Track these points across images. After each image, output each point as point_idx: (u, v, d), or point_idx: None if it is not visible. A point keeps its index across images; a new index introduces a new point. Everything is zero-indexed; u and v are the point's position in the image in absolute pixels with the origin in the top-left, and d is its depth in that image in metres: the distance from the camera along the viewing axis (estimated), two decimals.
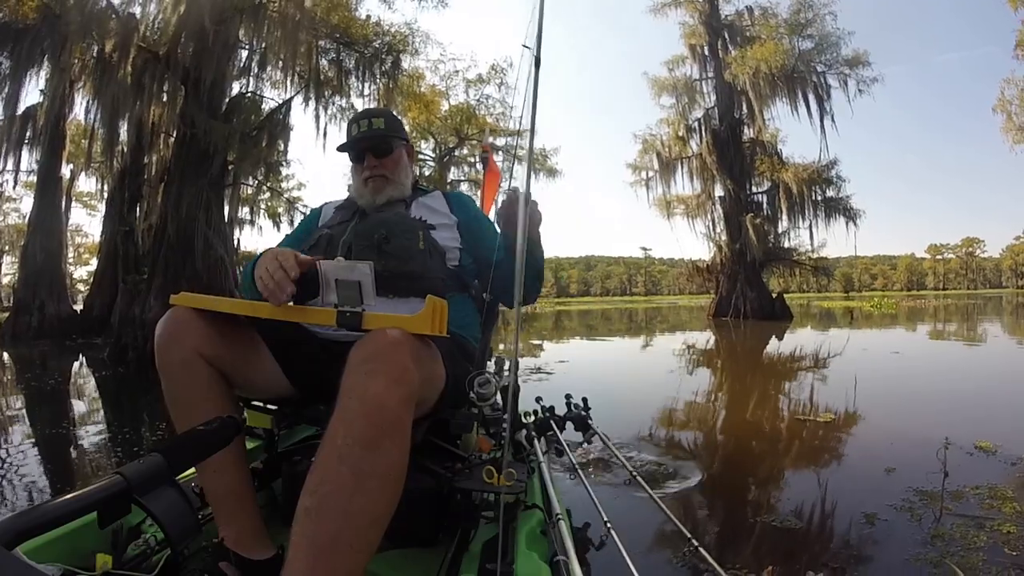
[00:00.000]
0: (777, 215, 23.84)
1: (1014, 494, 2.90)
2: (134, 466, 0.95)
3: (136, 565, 1.41)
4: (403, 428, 1.14)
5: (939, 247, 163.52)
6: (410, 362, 1.16)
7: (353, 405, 1.10)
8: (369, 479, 1.06)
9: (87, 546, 1.39)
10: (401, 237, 1.74)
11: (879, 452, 3.84)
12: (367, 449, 1.07)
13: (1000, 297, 69.05)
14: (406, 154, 2.04)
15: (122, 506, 0.91)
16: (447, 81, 25.12)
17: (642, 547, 2.53)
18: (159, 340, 1.44)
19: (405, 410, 1.15)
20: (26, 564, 0.82)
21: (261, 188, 18.15)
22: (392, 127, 2.00)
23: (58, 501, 0.84)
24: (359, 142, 1.95)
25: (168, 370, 1.43)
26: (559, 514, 1.67)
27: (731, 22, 24.61)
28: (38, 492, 3.42)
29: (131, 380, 8.66)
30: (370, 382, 1.11)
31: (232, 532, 1.44)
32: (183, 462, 1.07)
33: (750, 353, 11.93)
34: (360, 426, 1.08)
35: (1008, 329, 17.30)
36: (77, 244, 41.53)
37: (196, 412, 1.37)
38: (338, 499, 1.04)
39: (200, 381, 1.43)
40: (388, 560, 1.55)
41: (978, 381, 7.04)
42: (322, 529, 1.02)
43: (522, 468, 1.78)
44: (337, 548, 1.02)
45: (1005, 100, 21.39)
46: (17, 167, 17.46)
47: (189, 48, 11.20)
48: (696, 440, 4.43)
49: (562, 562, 1.43)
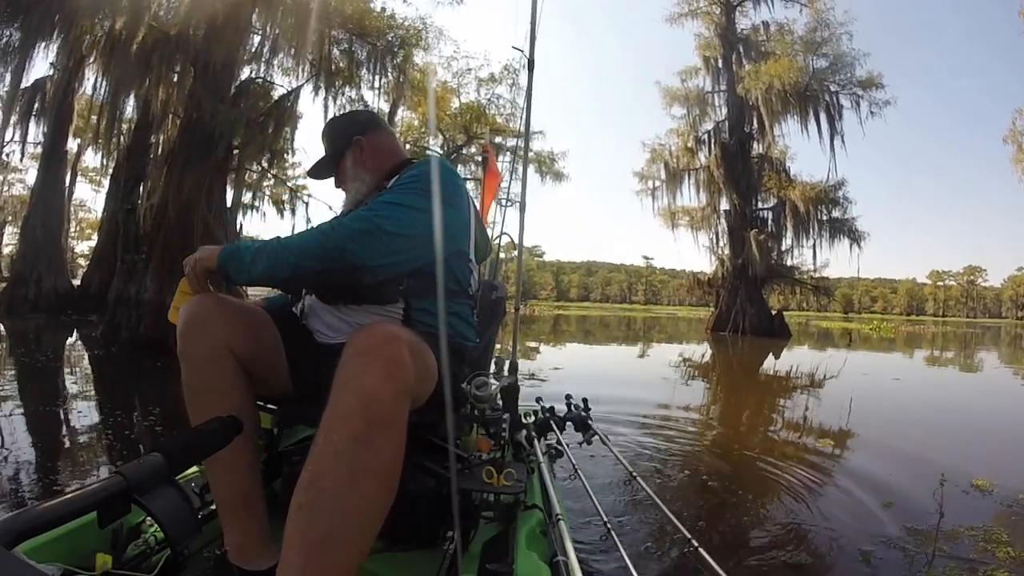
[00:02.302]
0: (781, 232, 23.83)
1: (1009, 538, 2.85)
2: (134, 466, 0.95)
3: (136, 565, 1.42)
4: (398, 423, 1.11)
5: (941, 273, 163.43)
6: (406, 356, 1.14)
7: (347, 399, 1.08)
8: (364, 475, 1.04)
9: (87, 546, 1.39)
10: None
11: (878, 484, 3.78)
12: (362, 445, 1.05)
13: (999, 327, 69.04)
14: (354, 154, 1.82)
15: (122, 506, 0.91)
16: (459, 78, 25.05)
17: (642, 547, 2.56)
18: (184, 327, 1.41)
19: (400, 404, 1.12)
20: (26, 564, 0.80)
21: (266, 175, 18.03)
22: (332, 143, 1.86)
23: (58, 501, 0.83)
24: (315, 179, 1.95)
25: (192, 360, 1.41)
26: (559, 514, 1.67)
27: (746, 36, 24.60)
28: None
29: (122, 361, 8.59)
30: (364, 375, 1.09)
31: (236, 537, 1.43)
32: (183, 462, 1.07)
33: (748, 371, 11.87)
34: (354, 421, 1.06)
35: (1007, 359, 17.26)
36: (80, 219, 41.41)
37: (215, 405, 1.35)
38: (332, 495, 1.02)
39: (224, 374, 1.42)
40: (388, 560, 1.56)
41: (978, 414, 6.97)
42: (316, 526, 1.01)
43: (522, 468, 1.76)
44: (331, 545, 1.00)
45: (1016, 131, 21.38)
46: (24, 138, 17.43)
47: (200, 30, 11.12)
48: (692, 465, 4.37)
49: (562, 562, 1.43)
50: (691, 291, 28.87)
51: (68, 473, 3.40)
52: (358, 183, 1.80)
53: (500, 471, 1.56)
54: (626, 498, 3.20)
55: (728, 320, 23.24)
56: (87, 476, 3.38)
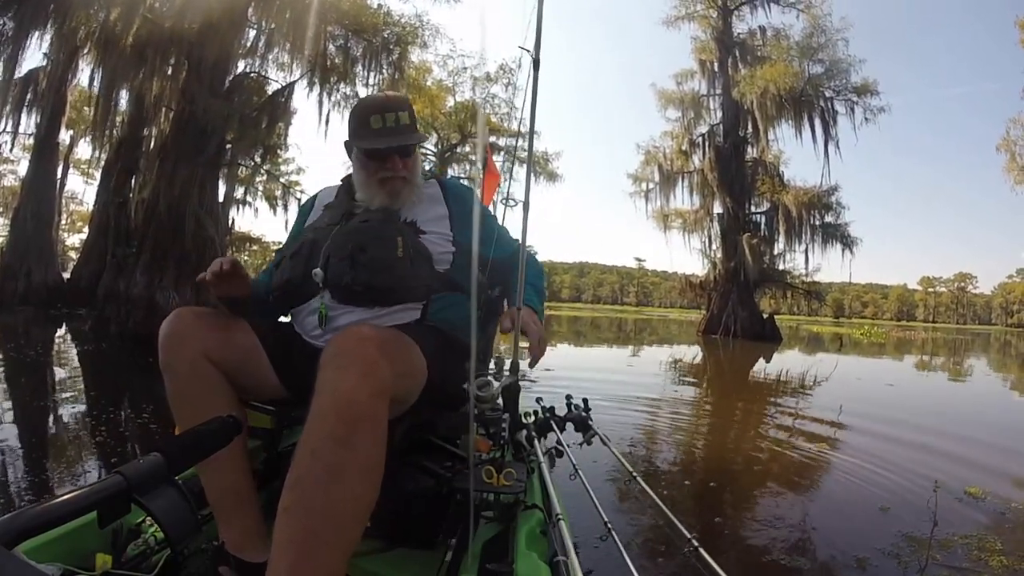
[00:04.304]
0: (774, 236, 23.89)
1: (1002, 546, 2.84)
2: (134, 465, 0.95)
3: (136, 565, 1.43)
4: (376, 422, 1.13)
5: (932, 280, 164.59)
6: (378, 355, 1.16)
7: (324, 401, 1.10)
8: (344, 474, 1.06)
9: (87, 546, 1.40)
10: (376, 247, 1.63)
11: (873, 490, 3.78)
12: (340, 444, 1.06)
13: (989, 334, 69.49)
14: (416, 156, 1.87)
15: (122, 506, 0.91)
16: (455, 77, 25.00)
17: (642, 547, 2.59)
18: (164, 340, 1.47)
19: (377, 403, 1.14)
20: (26, 564, 0.79)
21: (258, 170, 17.95)
22: (415, 121, 1.82)
23: (58, 501, 0.83)
24: (388, 142, 1.73)
25: (173, 370, 1.46)
26: (559, 514, 1.66)
27: (743, 40, 24.65)
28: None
29: (112, 356, 8.51)
30: (340, 377, 1.11)
31: (233, 533, 1.47)
32: (183, 462, 1.07)
33: (741, 374, 11.88)
34: (332, 422, 1.08)
35: (998, 366, 17.36)
36: (71, 211, 41.09)
37: (200, 412, 1.36)
38: (314, 495, 1.04)
39: (206, 382, 1.47)
40: (388, 560, 1.58)
41: (970, 421, 6.99)
42: (300, 526, 1.02)
43: (522, 468, 1.77)
44: (317, 545, 1.01)
45: (1010, 140, 21.52)
46: (16, 129, 17.27)
47: (195, 23, 11.05)
48: (692, 464, 4.36)
49: (562, 562, 1.42)
50: (683, 293, 28.86)
51: (59, 472, 3.35)
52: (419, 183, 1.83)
53: (500, 471, 1.57)
54: (626, 498, 3.21)
55: (719, 323, 23.28)
56: (78, 475, 3.33)
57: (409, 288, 1.65)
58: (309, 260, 1.67)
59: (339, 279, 1.61)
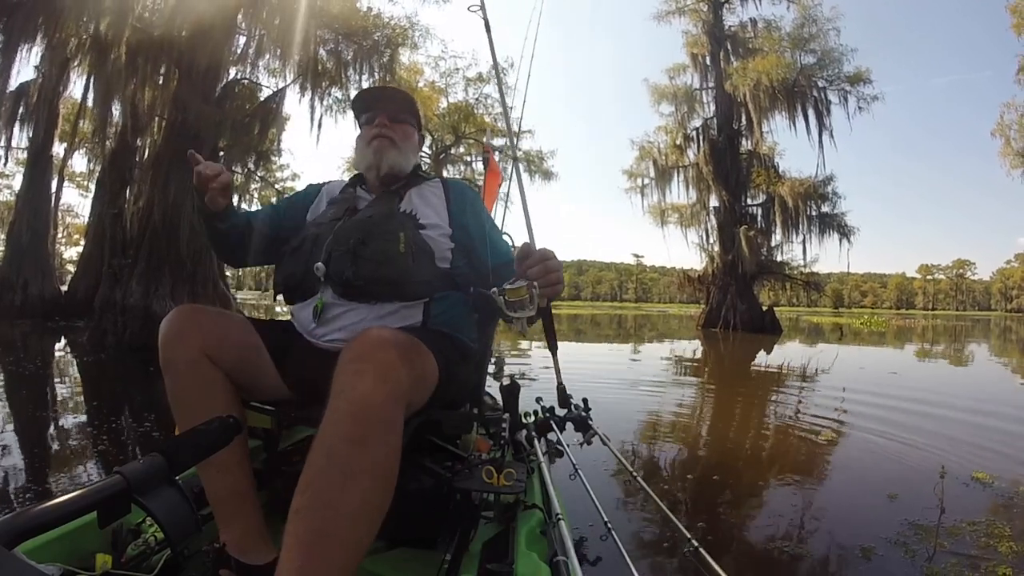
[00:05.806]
0: (771, 228, 23.82)
1: (1011, 532, 2.82)
2: (134, 466, 0.96)
3: (136, 565, 1.43)
4: (392, 425, 1.13)
5: (930, 267, 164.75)
6: (397, 360, 1.16)
7: (341, 404, 1.10)
8: (358, 476, 1.05)
9: (87, 546, 1.40)
10: (378, 240, 1.65)
11: (878, 478, 3.77)
12: (355, 446, 1.06)
13: (989, 319, 69.53)
14: (416, 136, 2.01)
15: (122, 506, 0.92)
16: (447, 78, 25.01)
17: (642, 547, 2.57)
18: (164, 339, 1.47)
19: (394, 407, 1.14)
20: (26, 564, 0.80)
21: (252, 176, 17.91)
22: (415, 108, 2.01)
23: (58, 501, 0.84)
24: (375, 98, 1.99)
25: (173, 369, 1.46)
26: (559, 514, 1.67)
27: (734, 33, 24.61)
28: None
29: (112, 367, 8.48)
30: (358, 381, 1.11)
31: (233, 534, 1.47)
32: (183, 462, 1.09)
33: (741, 367, 11.85)
34: (348, 424, 1.07)
35: (999, 352, 17.35)
36: (67, 224, 41.03)
37: (200, 412, 1.38)
38: (328, 497, 1.03)
39: (205, 381, 1.47)
40: (388, 560, 1.58)
41: (974, 406, 6.95)
42: (312, 527, 1.01)
43: (522, 468, 1.75)
44: (328, 546, 1.00)
45: (1004, 124, 21.50)
46: (8, 143, 17.25)
47: (185, 31, 11.01)
48: (693, 459, 4.34)
49: (562, 562, 1.43)
50: (681, 288, 28.86)
51: (60, 481, 3.35)
52: (408, 157, 1.92)
53: (500, 471, 1.56)
54: (626, 498, 3.20)
55: (719, 316, 23.23)
56: (80, 485, 3.29)
57: (410, 283, 1.65)
58: (311, 255, 1.69)
59: (340, 273, 1.61)
